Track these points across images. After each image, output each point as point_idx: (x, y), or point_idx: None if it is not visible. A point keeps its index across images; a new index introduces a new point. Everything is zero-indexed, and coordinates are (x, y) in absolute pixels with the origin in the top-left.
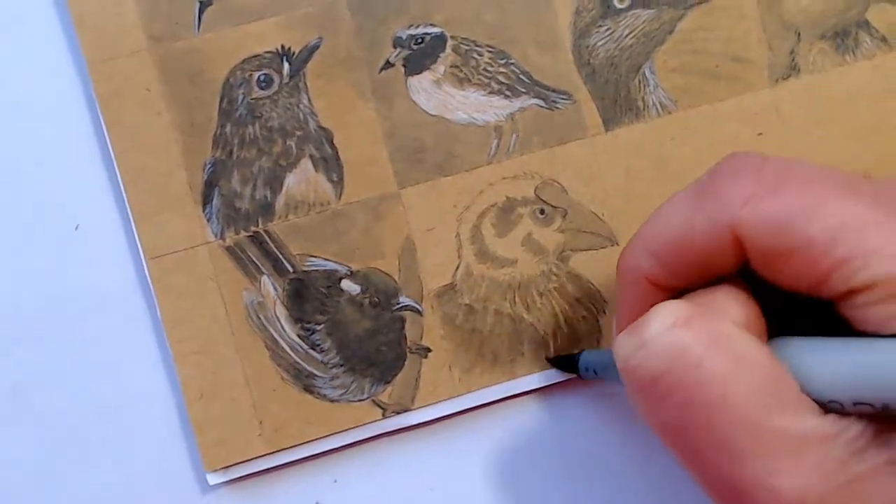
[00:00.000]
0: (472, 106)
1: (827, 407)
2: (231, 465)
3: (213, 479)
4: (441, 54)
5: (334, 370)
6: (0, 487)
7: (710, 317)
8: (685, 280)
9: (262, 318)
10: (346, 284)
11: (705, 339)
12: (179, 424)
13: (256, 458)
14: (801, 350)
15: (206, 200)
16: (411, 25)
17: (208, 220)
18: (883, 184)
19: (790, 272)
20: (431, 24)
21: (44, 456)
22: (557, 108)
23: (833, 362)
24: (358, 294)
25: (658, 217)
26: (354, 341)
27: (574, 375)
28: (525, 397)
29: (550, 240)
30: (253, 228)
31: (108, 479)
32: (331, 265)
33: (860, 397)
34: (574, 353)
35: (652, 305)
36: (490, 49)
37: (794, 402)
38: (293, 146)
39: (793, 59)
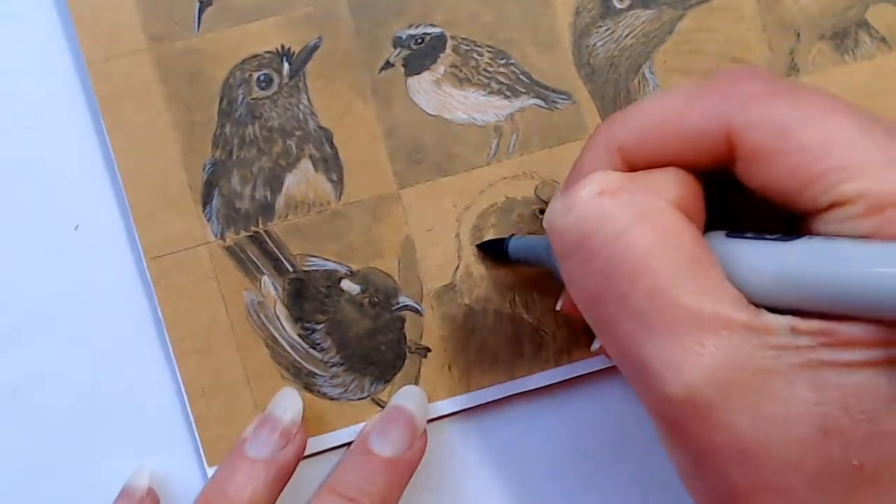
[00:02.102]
0: (472, 106)
1: (755, 302)
2: None
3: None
4: (441, 54)
5: (334, 369)
6: (0, 485)
7: (641, 191)
8: (658, 164)
9: (262, 317)
10: (346, 284)
11: (632, 210)
12: (181, 421)
13: None
14: (735, 245)
15: (206, 200)
16: (411, 25)
17: (208, 220)
18: None
19: (776, 177)
20: (431, 25)
21: (44, 455)
22: (557, 108)
23: (763, 260)
24: (358, 294)
25: (652, 99)
26: (354, 341)
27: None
28: (525, 397)
29: None
30: (253, 228)
31: (109, 478)
32: (331, 265)
33: (777, 299)
34: (503, 237)
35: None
36: (490, 49)
37: (714, 285)
38: (293, 146)
39: (792, 59)
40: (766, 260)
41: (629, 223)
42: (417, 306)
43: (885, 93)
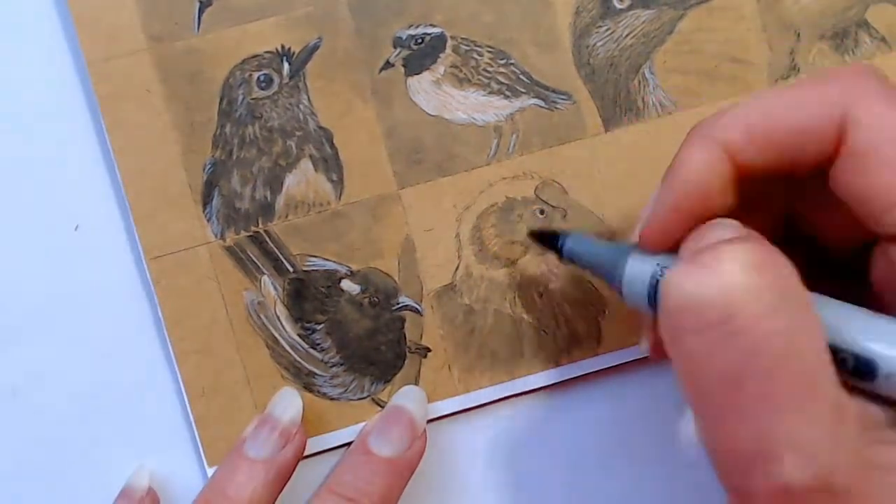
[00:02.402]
0: (472, 106)
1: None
2: None
3: None
4: (441, 54)
5: (334, 369)
6: (0, 485)
7: (783, 267)
8: (761, 165)
9: (262, 317)
10: (346, 284)
11: (779, 290)
12: (181, 421)
13: None
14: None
15: (206, 200)
16: (411, 25)
17: (208, 220)
18: None
19: (872, 184)
20: (431, 25)
21: (44, 455)
22: (557, 108)
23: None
24: (358, 294)
25: (760, 96)
26: (354, 341)
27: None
28: (525, 397)
29: None
30: (253, 228)
31: (109, 478)
32: (331, 265)
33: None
34: (559, 231)
35: (715, 185)
36: (490, 49)
37: (836, 374)
38: (293, 146)
39: (792, 60)
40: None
41: (778, 304)
42: (417, 306)
43: None
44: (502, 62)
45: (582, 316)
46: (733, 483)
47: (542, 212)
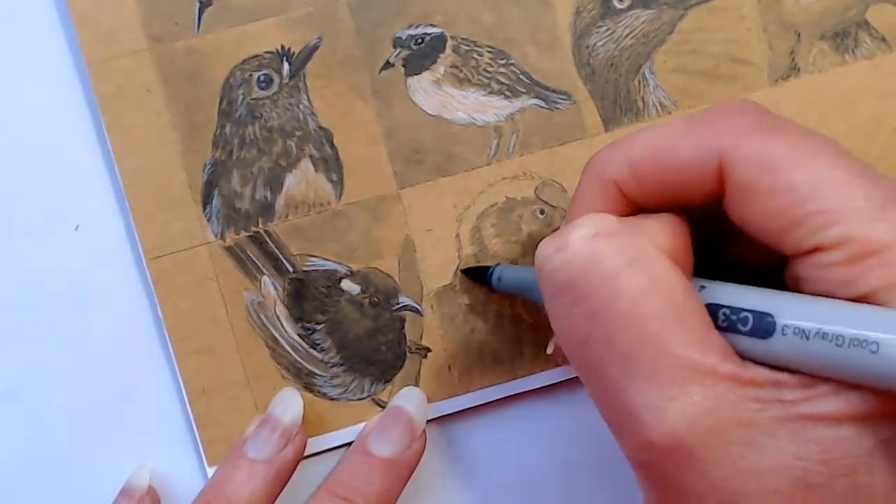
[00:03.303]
0: (472, 106)
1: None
2: None
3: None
4: (441, 54)
5: (334, 369)
6: (0, 485)
7: (634, 236)
8: (652, 198)
9: (262, 317)
10: (346, 284)
11: (624, 255)
12: (181, 421)
13: None
14: (725, 292)
15: (206, 201)
16: (411, 25)
17: (208, 221)
18: (885, 176)
19: (763, 214)
20: (431, 25)
21: (44, 455)
22: (557, 108)
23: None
24: (358, 294)
25: (644, 132)
26: (354, 341)
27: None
28: (525, 397)
29: None
30: (253, 228)
31: (109, 478)
32: (331, 265)
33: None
34: (488, 265)
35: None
36: (490, 49)
37: (702, 334)
38: (293, 146)
39: (793, 60)
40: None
41: (621, 267)
42: (417, 306)
43: (885, 93)
44: (502, 62)
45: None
46: (621, 446)
47: (542, 212)
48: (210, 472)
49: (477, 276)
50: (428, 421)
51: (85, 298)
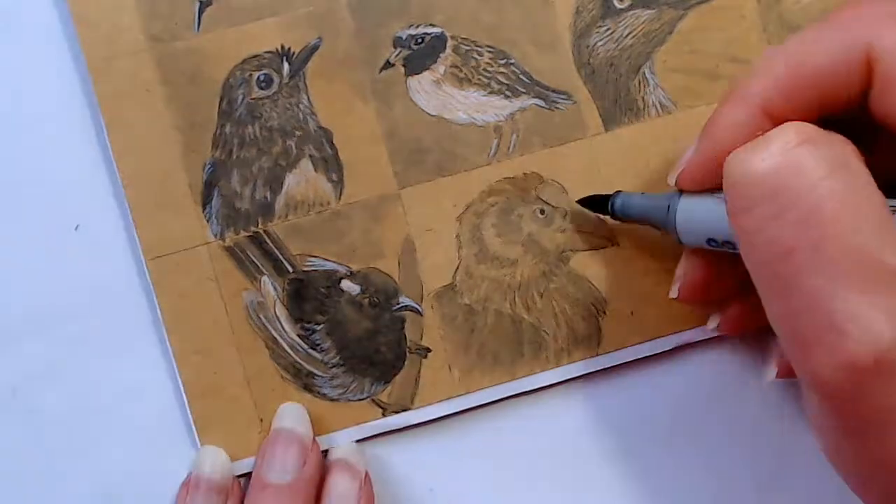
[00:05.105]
0: (472, 106)
1: None
2: (232, 462)
3: None
4: (441, 54)
5: (334, 370)
6: (0, 485)
7: (836, 142)
8: (802, 111)
9: (262, 317)
10: (346, 284)
11: (830, 162)
12: (180, 422)
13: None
14: None
15: (206, 200)
16: (411, 25)
17: (208, 221)
18: None
19: None
20: (431, 25)
21: (44, 455)
22: (557, 108)
23: None
24: (358, 294)
25: (784, 45)
26: (354, 341)
27: (606, 216)
28: (525, 397)
29: (550, 240)
30: (253, 228)
31: (110, 477)
32: (331, 265)
33: None
34: (607, 194)
35: (750, 135)
36: (490, 49)
37: None
38: (293, 146)
39: None
40: None
41: (828, 173)
42: (417, 306)
43: None
44: (502, 62)
45: (582, 316)
46: (802, 369)
47: (542, 212)
48: None
49: (595, 205)
50: (428, 421)
51: (85, 298)
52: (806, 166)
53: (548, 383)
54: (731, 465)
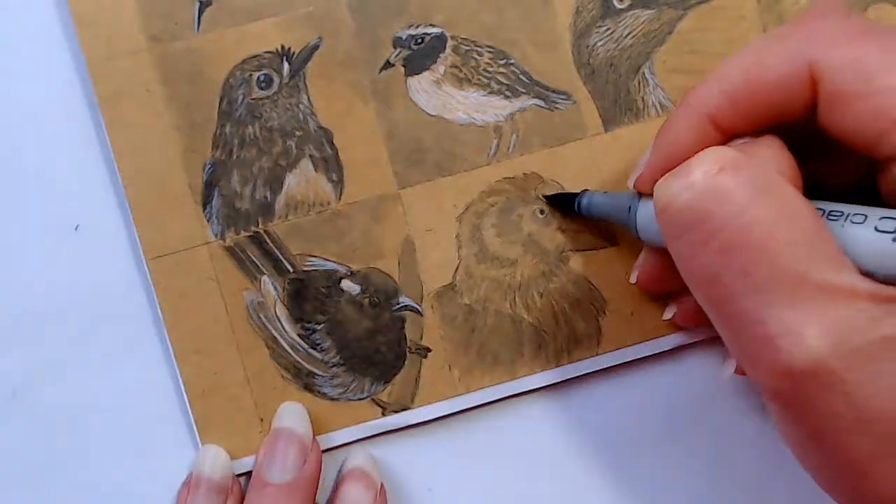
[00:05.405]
0: (472, 106)
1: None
2: (232, 462)
3: None
4: (441, 54)
5: (334, 369)
6: (0, 485)
7: (758, 165)
8: (748, 122)
9: (262, 317)
10: (346, 284)
11: (752, 186)
12: (181, 421)
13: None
14: (845, 224)
15: (206, 200)
16: (411, 25)
17: (208, 221)
18: None
19: (857, 119)
20: (431, 25)
21: (45, 455)
22: (557, 108)
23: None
24: (358, 294)
25: (733, 57)
26: (354, 341)
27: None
28: (525, 397)
29: (550, 240)
30: (253, 228)
31: (110, 477)
32: (331, 265)
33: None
34: (574, 192)
35: (699, 148)
36: (490, 49)
37: (835, 257)
38: (293, 146)
39: None
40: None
41: (751, 198)
42: (417, 306)
43: None
44: (502, 62)
45: (582, 316)
46: (752, 378)
47: (542, 212)
48: None
49: (562, 203)
50: (429, 421)
51: (85, 298)
52: (728, 193)
53: (548, 383)
54: (731, 464)
